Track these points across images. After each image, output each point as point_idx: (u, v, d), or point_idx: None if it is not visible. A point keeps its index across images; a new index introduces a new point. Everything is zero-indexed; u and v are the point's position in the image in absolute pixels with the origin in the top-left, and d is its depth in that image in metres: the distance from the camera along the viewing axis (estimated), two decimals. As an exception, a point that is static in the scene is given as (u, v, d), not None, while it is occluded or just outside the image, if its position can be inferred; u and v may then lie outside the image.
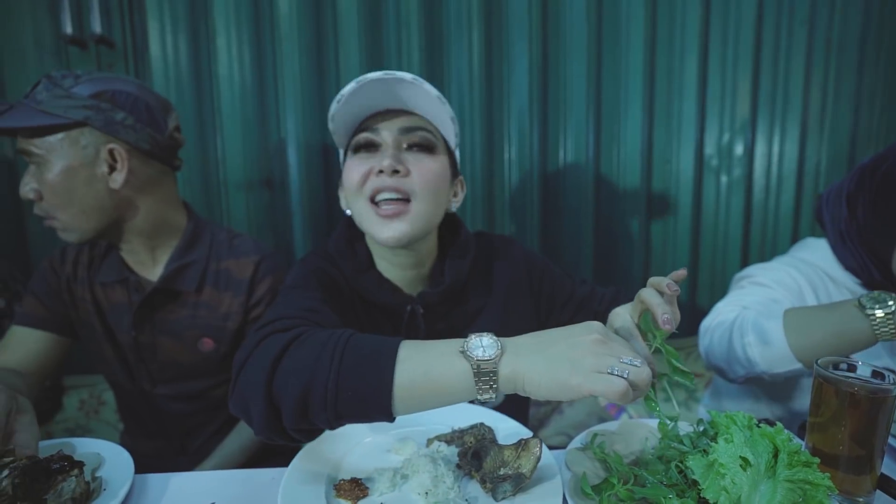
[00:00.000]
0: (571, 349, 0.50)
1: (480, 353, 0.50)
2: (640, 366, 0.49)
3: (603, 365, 0.48)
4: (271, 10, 1.42)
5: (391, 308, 0.81)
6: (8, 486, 0.49)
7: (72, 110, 0.84)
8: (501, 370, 0.50)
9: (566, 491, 0.56)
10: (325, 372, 0.51)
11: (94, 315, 0.97)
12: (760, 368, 0.84)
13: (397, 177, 0.74)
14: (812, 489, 0.51)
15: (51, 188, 0.84)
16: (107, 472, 0.63)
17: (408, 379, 0.51)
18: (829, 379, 0.59)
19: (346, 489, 0.57)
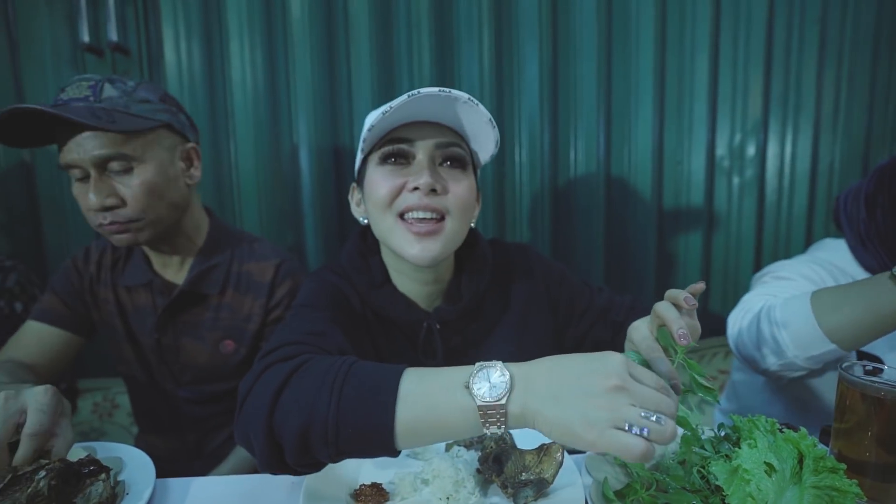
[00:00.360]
0: (587, 398, 0.44)
1: (486, 391, 0.46)
2: (663, 424, 0.43)
3: (620, 419, 0.43)
4: (283, 15, 1.44)
5: (407, 324, 0.79)
6: (44, 488, 0.51)
7: (158, 113, 0.88)
8: (510, 409, 0.46)
9: (588, 496, 0.56)
10: (324, 407, 0.49)
11: (117, 317, 0.98)
12: (792, 352, 0.80)
13: (433, 195, 0.70)
14: (839, 496, 0.51)
15: (144, 189, 0.86)
16: (128, 476, 0.64)
17: (411, 416, 0.48)
18: (854, 383, 0.58)
19: (367, 494, 0.58)
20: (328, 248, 1.51)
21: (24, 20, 1.42)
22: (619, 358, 0.47)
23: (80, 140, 0.81)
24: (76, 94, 0.82)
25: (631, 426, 0.43)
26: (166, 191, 0.90)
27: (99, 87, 0.84)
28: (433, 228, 0.71)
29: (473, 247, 0.85)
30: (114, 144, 0.83)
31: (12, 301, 1.16)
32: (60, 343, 0.95)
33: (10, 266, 1.18)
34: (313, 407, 0.50)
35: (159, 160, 0.88)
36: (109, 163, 0.84)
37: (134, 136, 0.85)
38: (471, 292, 0.80)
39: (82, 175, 0.85)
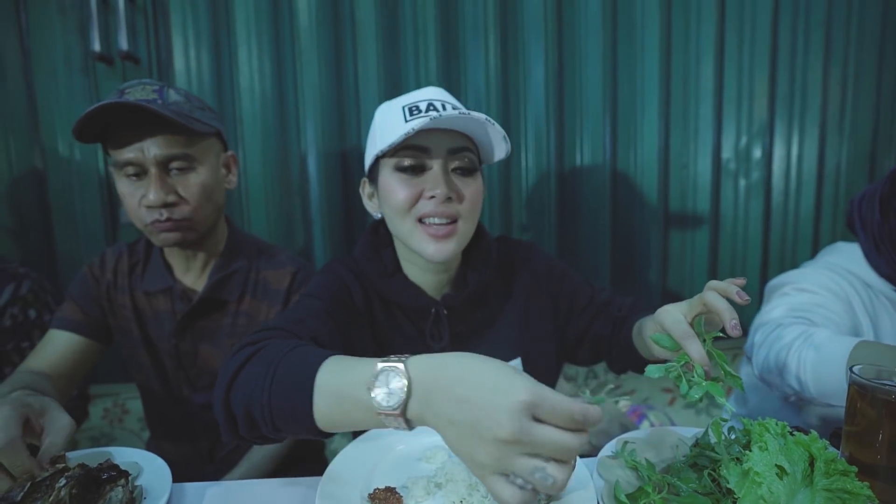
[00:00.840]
0: (478, 440, 0.42)
1: (383, 397, 0.46)
2: (550, 482, 0.40)
3: (506, 469, 0.42)
4: (291, 23, 1.46)
5: (417, 310, 0.84)
6: (66, 496, 0.51)
7: (213, 120, 0.93)
8: (409, 416, 0.46)
9: (600, 499, 0.57)
10: (260, 390, 0.53)
11: (134, 322, 1.00)
12: (810, 395, 0.79)
13: (448, 203, 0.75)
14: (851, 499, 0.51)
15: (201, 189, 0.90)
16: (145, 481, 0.65)
17: (324, 406, 0.50)
18: (865, 387, 0.58)
19: (381, 497, 0.58)
20: (336, 250, 1.52)
21: (37, 29, 1.44)
22: (525, 396, 0.41)
23: (147, 140, 0.84)
24: (143, 96, 0.84)
25: (515, 479, 0.41)
26: (214, 194, 0.94)
27: (164, 92, 0.87)
28: (448, 231, 0.76)
29: (480, 239, 0.89)
30: (179, 146, 0.86)
31: (26, 308, 1.17)
32: (80, 350, 0.96)
33: (23, 273, 1.19)
34: (254, 388, 0.54)
35: (211, 164, 0.93)
36: (172, 162, 0.87)
37: (197, 138, 0.89)
38: (476, 281, 0.85)
39: (137, 172, 0.87)
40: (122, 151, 0.85)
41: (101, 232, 1.51)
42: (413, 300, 0.83)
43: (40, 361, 0.91)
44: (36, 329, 1.17)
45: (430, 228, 0.76)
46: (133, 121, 0.84)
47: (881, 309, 0.93)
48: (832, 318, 0.88)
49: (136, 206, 0.88)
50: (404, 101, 0.80)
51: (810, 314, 0.88)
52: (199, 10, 1.45)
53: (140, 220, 0.89)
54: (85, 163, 1.49)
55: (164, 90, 0.87)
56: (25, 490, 0.51)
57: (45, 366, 0.90)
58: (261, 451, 1.00)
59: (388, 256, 0.86)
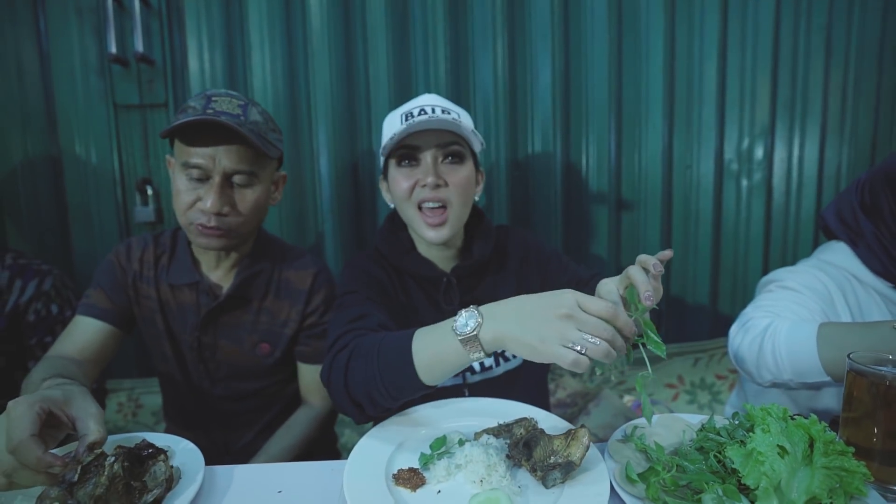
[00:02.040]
0: (542, 322, 0.58)
1: (462, 327, 0.62)
2: (598, 345, 0.56)
3: (566, 339, 0.57)
4: (304, 26, 1.49)
5: (430, 280, 0.99)
6: (119, 469, 0.55)
7: (279, 142, 0.99)
8: (483, 336, 0.62)
9: (613, 478, 0.60)
10: (372, 376, 0.69)
11: (158, 313, 1.02)
12: (788, 376, 0.86)
13: (438, 188, 0.91)
14: (848, 476, 0.55)
15: (254, 204, 0.95)
16: (178, 462, 0.68)
17: (424, 363, 0.66)
18: (862, 372, 0.61)
19: (405, 478, 0.62)
20: (346, 249, 1.56)
21: (55, 32, 1.47)
22: (571, 294, 0.60)
23: (222, 150, 0.89)
24: (229, 109, 0.89)
25: (574, 344, 0.57)
26: (264, 209, 1.00)
27: (248, 109, 0.92)
28: (440, 219, 0.92)
29: (480, 219, 1.05)
30: (248, 162, 0.91)
31: (49, 304, 1.20)
32: (105, 337, 0.98)
33: (46, 270, 1.22)
34: (366, 377, 0.70)
35: (267, 182, 0.99)
36: (236, 175, 0.92)
37: (263, 159, 0.94)
38: (479, 253, 1.00)
39: (201, 176, 0.90)
40: (192, 154, 0.89)
41: (116, 230, 1.55)
42: (427, 271, 0.98)
43: (69, 347, 0.93)
44: (58, 324, 1.20)
45: (427, 216, 0.92)
46: (212, 129, 0.88)
47: (871, 303, 0.96)
48: (800, 313, 0.93)
49: (188, 205, 0.91)
50: (403, 109, 0.96)
51: (778, 308, 0.95)
52: (213, 13, 1.49)
53: (187, 218, 0.93)
54: (101, 163, 1.52)
55: (248, 108, 0.92)
56: (78, 474, 0.54)
57: (74, 352, 0.92)
58: (278, 443, 1.03)
59: (404, 237, 1.01)
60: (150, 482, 0.57)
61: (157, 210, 1.53)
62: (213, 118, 0.86)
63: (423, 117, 0.88)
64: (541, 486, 0.60)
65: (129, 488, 0.55)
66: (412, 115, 0.92)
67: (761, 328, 0.91)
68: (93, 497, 0.52)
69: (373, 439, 0.71)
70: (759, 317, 0.94)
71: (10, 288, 1.16)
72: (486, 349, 0.62)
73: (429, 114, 0.90)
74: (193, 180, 0.91)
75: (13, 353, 1.17)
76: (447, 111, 0.93)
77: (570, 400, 1.47)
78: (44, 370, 0.81)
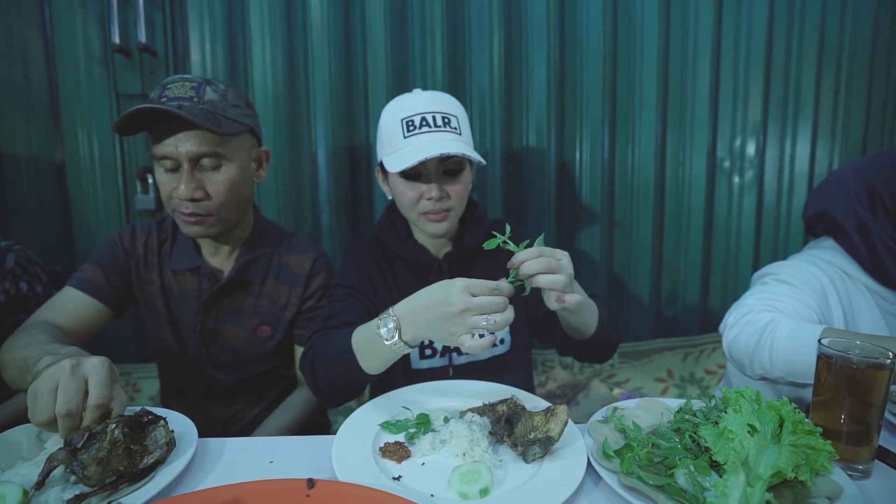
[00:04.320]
0: (446, 321, 0.66)
1: (386, 334, 0.71)
2: (497, 322, 0.65)
3: (471, 328, 0.65)
4: (304, 20, 1.51)
5: (424, 265, 1.04)
6: (119, 435, 0.58)
7: (245, 118, 0.97)
8: (405, 338, 0.70)
9: (590, 454, 0.62)
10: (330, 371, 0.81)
11: (160, 298, 1.05)
12: (778, 374, 0.87)
13: (441, 200, 0.97)
14: (814, 453, 0.57)
15: (227, 185, 0.95)
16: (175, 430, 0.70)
17: (363, 358, 0.76)
18: (830, 356, 0.64)
19: (391, 450, 0.64)
20: (343, 239, 1.58)
21: (60, 22, 1.49)
22: (458, 285, 0.67)
23: (182, 136, 0.90)
24: (182, 93, 0.90)
25: (478, 330, 0.65)
26: (242, 189, 0.99)
27: (202, 90, 0.91)
28: (441, 217, 0.98)
29: (473, 210, 1.10)
30: (210, 143, 0.91)
31: (16, 281, 1.15)
32: (94, 313, 0.99)
33: (5, 247, 1.16)
34: (327, 372, 0.82)
35: (241, 160, 0.98)
36: (202, 159, 0.92)
37: (228, 137, 0.94)
38: (470, 240, 1.06)
39: (173, 167, 0.92)
40: (160, 146, 0.91)
41: (117, 217, 1.57)
42: (421, 257, 1.04)
43: (55, 315, 0.95)
44: (31, 301, 1.16)
45: (429, 216, 0.98)
46: (170, 118, 0.89)
47: (860, 297, 0.98)
48: (801, 310, 0.94)
49: (170, 196, 0.94)
50: (403, 111, 0.96)
51: (781, 304, 0.95)
52: (215, 5, 1.51)
53: (170, 207, 0.95)
54: (102, 151, 1.54)
55: (201, 88, 0.92)
56: (84, 439, 0.57)
57: (65, 322, 0.94)
58: (273, 423, 1.05)
59: (401, 226, 1.07)
60: (151, 446, 0.60)
61: (157, 198, 1.55)
62: (150, 106, 0.86)
63: (426, 131, 0.92)
64: (521, 461, 0.63)
65: (130, 451, 0.58)
66: (413, 123, 0.93)
67: (762, 324, 0.91)
68: (95, 459, 0.55)
69: (361, 417, 0.74)
70: (761, 310, 0.94)
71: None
72: (410, 346, 0.71)
73: (430, 126, 0.93)
74: (168, 171, 0.93)
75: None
76: (447, 118, 0.95)
77: (560, 391, 1.50)
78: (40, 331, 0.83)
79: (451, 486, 0.57)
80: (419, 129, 0.93)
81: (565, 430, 0.62)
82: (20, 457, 0.66)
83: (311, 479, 0.54)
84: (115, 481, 0.57)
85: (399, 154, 0.93)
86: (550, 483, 0.58)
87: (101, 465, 0.56)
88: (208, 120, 0.89)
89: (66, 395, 0.60)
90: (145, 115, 0.89)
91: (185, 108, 0.88)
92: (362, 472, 0.59)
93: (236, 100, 0.97)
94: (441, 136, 0.93)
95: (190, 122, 0.87)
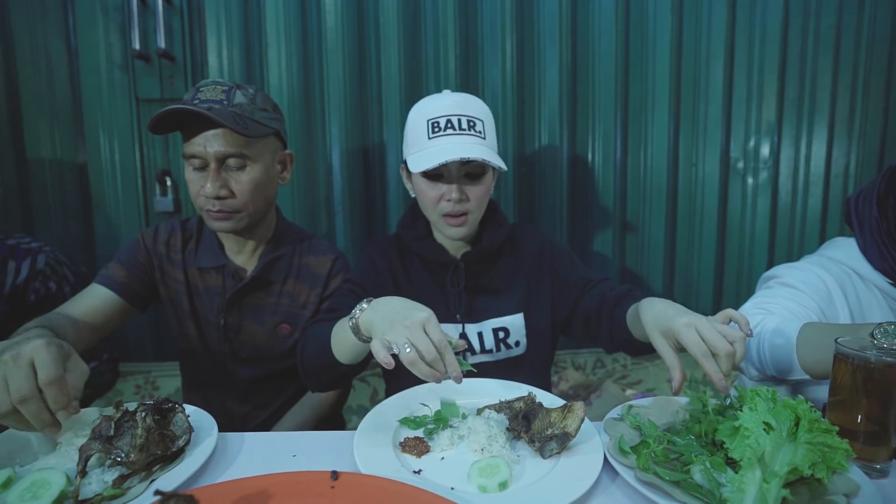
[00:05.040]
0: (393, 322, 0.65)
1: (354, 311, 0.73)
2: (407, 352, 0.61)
3: (391, 339, 0.63)
4: (319, 25, 1.54)
5: (443, 264, 1.06)
6: (151, 422, 0.61)
7: (271, 121, 1.01)
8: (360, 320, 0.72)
9: (606, 450, 0.63)
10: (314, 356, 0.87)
11: (185, 295, 1.08)
12: (772, 372, 0.90)
13: (461, 202, 0.98)
14: (831, 451, 0.57)
15: (252, 185, 0.98)
16: (194, 423, 0.72)
17: (335, 344, 0.80)
18: (847, 355, 0.64)
19: (411, 445, 0.66)
20: (356, 240, 1.60)
21: (83, 29, 1.54)
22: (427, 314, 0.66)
23: (210, 137, 0.94)
24: (213, 96, 0.94)
25: (392, 345, 0.63)
26: (266, 188, 1.03)
27: (231, 93, 0.96)
28: (461, 222, 1.00)
29: (493, 212, 1.11)
30: (237, 145, 0.95)
31: (46, 282, 1.20)
32: (116, 309, 1.03)
33: (36, 248, 1.20)
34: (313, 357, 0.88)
35: (265, 162, 1.01)
36: (228, 159, 0.96)
37: (254, 139, 0.97)
38: (488, 242, 1.07)
39: (201, 165, 0.96)
40: (189, 145, 0.95)
41: (136, 219, 1.61)
42: (440, 256, 1.06)
43: (77, 309, 0.98)
44: (59, 301, 1.16)
45: (449, 220, 1.00)
46: (200, 119, 0.93)
47: (872, 299, 0.98)
48: (796, 310, 0.95)
49: (197, 194, 0.98)
50: (430, 112, 0.98)
51: (772, 305, 0.97)
52: (232, 11, 1.54)
53: (198, 205, 0.99)
54: (123, 154, 1.58)
55: (231, 91, 0.96)
56: (112, 429, 0.60)
57: (80, 314, 0.97)
58: (291, 420, 1.08)
59: (422, 225, 1.09)
60: (176, 429, 0.64)
61: (176, 200, 1.59)
62: (182, 107, 0.90)
63: (450, 134, 0.95)
64: (538, 457, 0.64)
65: (163, 436, 0.62)
66: (438, 125, 0.96)
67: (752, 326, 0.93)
68: (135, 447, 0.59)
69: (380, 413, 0.76)
70: (752, 314, 0.97)
71: (4, 269, 1.15)
72: (363, 333, 0.72)
73: (455, 128, 0.95)
74: (197, 170, 0.97)
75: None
76: (472, 121, 0.96)
77: (573, 392, 1.50)
78: (38, 321, 0.86)
79: (471, 479, 0.59)
80: (444, 131, 0.95)
81: (582, 426, 0.63)
82: (33, 452, 0.67)
83: (336, 472, 0.55)
84: (151, 462, 0.61)
85: (422, 154, 0.95)
86: (568, 477, 0.59)
87: (142, 451, 0.59)
88: (235, 122, 0.93)
89: (15, 383, 0.60)
90: (178, 115, 0.93)
91: (214, 110, 0.92)
92: (384, 466, 0.61)
93: (264, 104, 1.01)
94: (464, 139, 0.95)
95: (218, 123, 0.91)
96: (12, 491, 0.55)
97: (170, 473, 0.61)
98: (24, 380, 0.61)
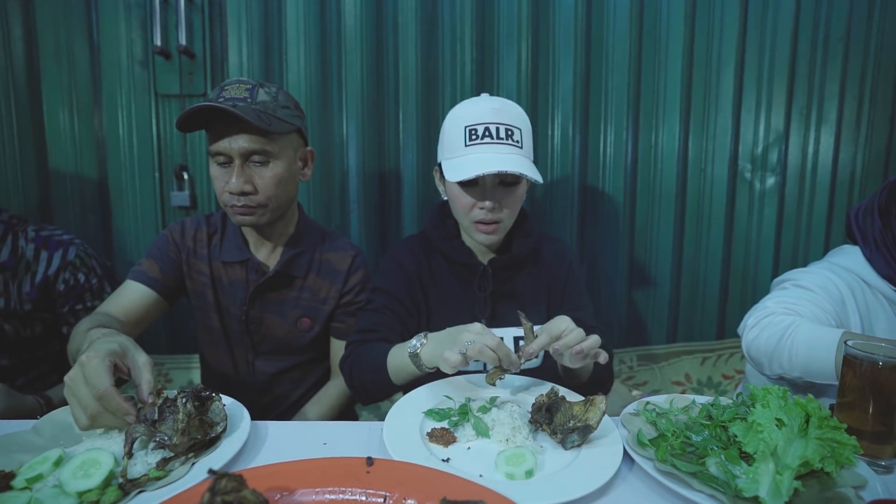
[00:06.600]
0: (451, 340, 0.75)
1: (412, 347, 0.81)
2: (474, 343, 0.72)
3: (458, 344, 0.73)
4: (338, 25, 1.57)
5: (469, 267, 1.07)
6: (192, 408, 0.64)
7: (294, 118, 1.04)
8: (422, 354, 0.80)
9: (626, 443, 0.66)
10: (366, 379, 0.94)
11: (210, 288, 1.11)
12: (797, 374, 0.92)
13: (493, 211, 0.99)
14: (839, 447, 0.61)
15: (274, 181, 1.01)
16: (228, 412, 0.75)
17: (392, 370, 0.88)
18: (856, 356, 0.67)
19: (438, 435, 0.69)
20: (370, 239, 1.63)
21: (105, 26, 1.56)
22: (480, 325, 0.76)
23: (235, 134, 0.96)
24: (237, 94, 0.97)
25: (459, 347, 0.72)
26: (288, 184, 1.05)
27: (255, 91, 0.98)
28: (492, 229, 1.01)
29: (523, 220, 1.11)
30: (260, 141, 0.98)
31: (76, 272, 1.23)
32: (150, 303, 1.06)
33: (67, 240, 1.25)
34: (363, 379, 0.95)
35: (288, 158, 1.04)
36: (252, 155, 0.99)
37: (277, 136, 1.00)
38: (517, 249, 1.07)
39: (226, 161, 0.99)
40: (215, 142, 0.98)
41: (153, 213, 1.63)
42: (467, 259, 1.06)
43: (116, 307, 1.02)
44: (87, 292, 1.24)
45: (481, 226, 1.00)
46: (226, 117, 0.96)
47: (878, 306, 1.01)
48: (818, 314, 0.98)
49: (222, 189, 1.01)
50: (467, 118, 0.97)
51: (799, 307, 0.99)
52: (253, 9, 1.57)
53: (223, 201, 1.02)
54: (141, 149, 1.61)
55: (255, 90, 0.99)
56: (156, 414, 0.63)
57: (119, 311, 1.01)
58: (311, 410, 1.11)
59: (451, 226, 1.10)
60: (213, 416, 0.67)
61: (192, 195, 1.62)
62: (208, 104, 0.93)
63: (487, 142, 0.94)
64: (560, 448, 0.67)
65: (203, 422, 0.65)
66: (476, 133, 0.95)
67: (783, 326, 0.95)
68: (177, 431, 0.62)
69: (405, 405, 0.79)
70: (781, 313, 0.99)
71: (36, 259, 1.19)
72: (426, 365, 0.80)
73: (492, 137, 0.94)
74: (221, 166, 1.00)
75: (48, 320, 1.23)
76: (510, 130, 0.95)
77: (581, 390, 1.53)
78: (90, 322, 0.89)
79: (498, 467, 0.62)
80: (481, 140, 0.95)
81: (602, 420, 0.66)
82: (76, 435, 0.69)
83: (371, 458, 0.58)
84: (192, 446, 0.64)
85: (458, 162, 0.96)
86: (590, 467, 0.62)
87: (184, 434, 0.62)
88: (259, 119, 0.95)
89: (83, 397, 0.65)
90: (204, 113, 0.96)
91: (238, 107, 0.95)
92: (414, 454, 0.64)
93: (286, 101, 1.04)
94: (501, 148, 0.94)
95: (242, 119, 0.94)
96: (65, 469, 0.58)
97: (210, 457, 0.64)
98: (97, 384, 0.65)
